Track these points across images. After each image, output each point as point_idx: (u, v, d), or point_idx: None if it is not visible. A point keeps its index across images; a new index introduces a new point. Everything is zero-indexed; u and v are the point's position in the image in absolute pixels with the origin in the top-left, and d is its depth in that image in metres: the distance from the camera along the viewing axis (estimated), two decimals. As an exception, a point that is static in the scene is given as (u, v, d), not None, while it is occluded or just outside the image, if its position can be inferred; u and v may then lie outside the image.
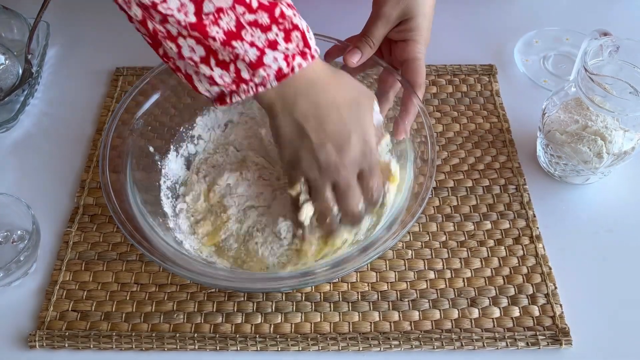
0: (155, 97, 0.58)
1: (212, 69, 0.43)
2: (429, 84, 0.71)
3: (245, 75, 0.43)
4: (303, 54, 0.44)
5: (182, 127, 0.61)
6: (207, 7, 0.40)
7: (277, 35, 0.42)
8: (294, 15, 0.43)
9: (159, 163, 0.59)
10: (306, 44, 0.44)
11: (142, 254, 0.56)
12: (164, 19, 0.40)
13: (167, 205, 0.57)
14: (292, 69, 0.44)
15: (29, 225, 0.55)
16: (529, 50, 0.75)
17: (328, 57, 0.59)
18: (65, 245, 0.57)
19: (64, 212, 0.60)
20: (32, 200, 0.57)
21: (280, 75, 0.43)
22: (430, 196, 0.59)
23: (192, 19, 0.40)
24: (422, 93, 0.55)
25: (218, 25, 0.40)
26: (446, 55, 0.73)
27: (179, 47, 0.42)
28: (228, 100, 0.45)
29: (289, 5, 0.43)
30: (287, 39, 0.43)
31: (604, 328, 0.53)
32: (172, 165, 0.59)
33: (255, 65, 0.42)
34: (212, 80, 0.43)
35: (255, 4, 0.41)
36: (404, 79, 0.56)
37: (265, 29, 0.42)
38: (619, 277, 0.56)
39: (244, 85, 0.44)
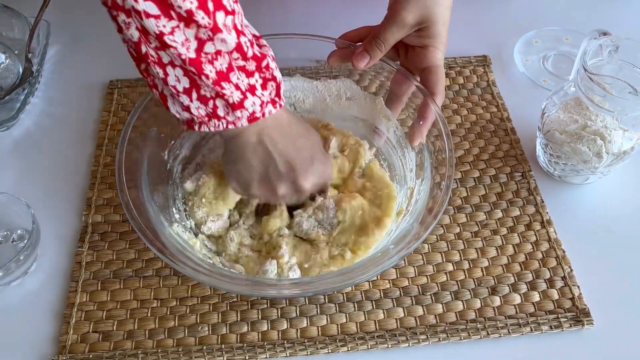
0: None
1: (191, 101, 0.45)
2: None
3: (220, 112, 0.46)
4: (274, 102, 0.48)
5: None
6: (209, 48, 0.42)
7: (256, 81, 0.46)
8: (275, 68, 0.47)
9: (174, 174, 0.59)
10: (277, 94, 0.48)
11: (161, 269, 0.56)
12: (163, 48, 0.41)
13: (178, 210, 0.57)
14: (263, 114, 0.47)
15: (28, 225, 0.55)
16: (528, 50, 0.75)
17: (334, 58, 0.58)
18: (78, 266, 0.56)
19: (71, 231, 0.59)
20: (32, 199, 0.57)
21: (252, 118, 0.47)
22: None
23: (192, 55, 0.41)
24: (441, 100, 0.56)
25: (212, 64, 0.42)
26: (445, 54, 0.73)
27: (165, 74, 0.43)
28: (196, 128, 0.47)
29: (273, 58, 0.47)
30: (264, 86, 0.47)
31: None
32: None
33: (236, 106, 0.45)
34: (187, 109, 0.45)
35: (250, 53, 0.44)
36: (421, 86, 0.56)
37: (249, 75, 0.45)
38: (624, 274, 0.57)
39: (215, 120, 0.46)
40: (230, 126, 0.47)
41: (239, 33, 0.43)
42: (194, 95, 0.44)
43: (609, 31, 0.58)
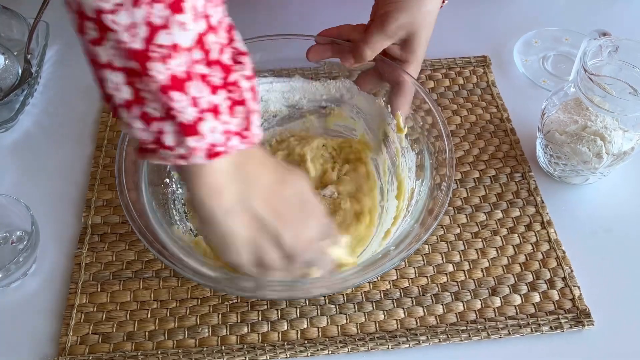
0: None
1: (133, 118, 0.34)
2: (426, 79, 0.72)
3: (167, 140, 0.34)
4: (243, 136, 0.36)
5: None
6: (162, 39, 0.31)
7: (223, 101, 0.34)
8: (248, 90, 0.36)
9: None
10: (248, 127, 0.36)
11: (160, 271, 0.56)
12: (101, 35, 0.31)
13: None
14: (227, 150, 0.35)
15: (28, 226, 0.54)
16: (528, 51, 0.75)
17: (313, 53, 0.58)
18: (77, 268, 0.56)
19: (71, 233, 0.59)
20: (31, 200, 0.57)
21: (212, 153, 0.35)
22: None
23: (138, 45, 0.31)
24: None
25: (165, 62, 0.32)
26: (445, 55, 0.74)
27: (102, 80, 0.33)
28: (148, 157, 0.37)
29: (247, 77, 0.36)
30: (231, 111, 0.35)
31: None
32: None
33: (189, 129, 0.34)
34: (130, 128, 0.35)
35: (214, 56, 0.34)
36: (394, 63, 0.57)
37: (214, 89, 0.34)
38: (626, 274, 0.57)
39: (163, 151, 0.35)
40: (180, 161, 0.35)
41: (211, 28, 0.33)
42: (136, 111, 0.33)
43: (608, 31, 0.58)
